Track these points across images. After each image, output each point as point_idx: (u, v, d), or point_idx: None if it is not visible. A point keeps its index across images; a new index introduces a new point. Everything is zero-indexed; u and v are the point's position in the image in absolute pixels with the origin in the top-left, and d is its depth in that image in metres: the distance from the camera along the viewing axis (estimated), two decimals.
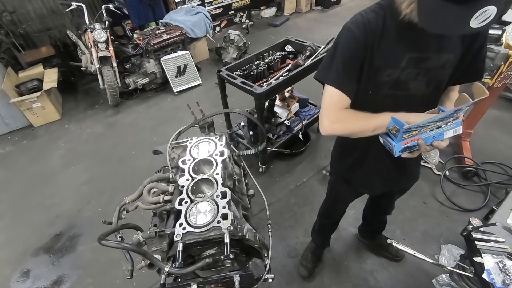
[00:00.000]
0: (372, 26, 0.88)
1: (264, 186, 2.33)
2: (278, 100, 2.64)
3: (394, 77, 0.91)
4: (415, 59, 0.89)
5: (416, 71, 0.91)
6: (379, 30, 0.87)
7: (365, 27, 0.88)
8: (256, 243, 0.99)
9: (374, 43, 0.88)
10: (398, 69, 0.90)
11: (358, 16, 0.92)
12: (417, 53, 0.89)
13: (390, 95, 0.95)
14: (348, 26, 0.92)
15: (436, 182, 2.31)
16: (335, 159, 1.36)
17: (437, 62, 0.91)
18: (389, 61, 0.90)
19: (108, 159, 2.90)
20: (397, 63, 0.90)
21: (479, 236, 1.22)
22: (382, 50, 0.89)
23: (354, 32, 0.89)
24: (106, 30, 3.37)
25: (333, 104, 0.96)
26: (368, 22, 0.88)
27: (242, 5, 5.35)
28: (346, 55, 0.92)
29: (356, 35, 0.89)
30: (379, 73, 0.91)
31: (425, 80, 0.93)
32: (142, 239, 0.93)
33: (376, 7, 0.90)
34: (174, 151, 1.28)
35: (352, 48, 0.91)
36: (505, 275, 1.01)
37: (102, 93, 3.76)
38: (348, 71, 0.93)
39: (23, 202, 2.55)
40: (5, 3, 3.86)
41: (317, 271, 1.86)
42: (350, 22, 0.92)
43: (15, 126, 3.39)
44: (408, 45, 0.88)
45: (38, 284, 1.97)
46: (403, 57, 0.89)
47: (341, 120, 0.95)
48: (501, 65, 2.00)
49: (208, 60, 4.54)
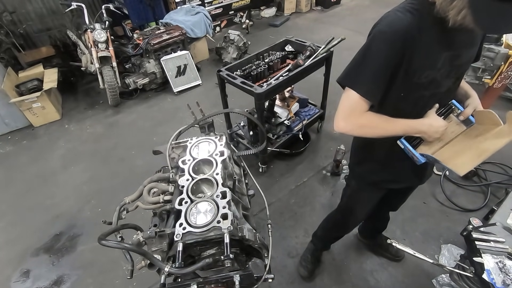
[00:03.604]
0: (410, 28, 0.82)
1: (264, 186, 2.33)
2: (278, 100, 2.64)
3: (430, 78, 0.89)
4: (450, 57, 0.88)
5: (449, 69, 0.90)
6: (417, 33, 0.83)
7: (403, 30, 0.82)
8: (256, 243, 0.99)
9: (412, 47, 0.83)
10: (436, 69, 0.88)
11: (393, 17, 0.85)
12: (452, 51, 0.88)
13: (422, 95, 0.94)
14: (383, 29, 0.85)
15: (436, 182, 2.31)
16: (356, 162, 1.29)
17: (467, 57, 0.93)
18: (428, 63, 0.87)
19: (108, 159, 2.90)
20: (436, 63, 0.87)
21: (479, 236, 1.22)
22: (421, 53, 0.85)
23: (390, 37, 0.84)
24: (106, 30, 3.37)
25: (353, 108, 0.93)
26: (406, 25, 0.82)
27: (242, 5, 5.35)
28: (379, 63, 0.87)
29: (392, 40, 0.84)
30: (415, 76, 0.88)
31: (455, 76, 0.96)
32: (142, 239, 0.93)
33: (411, 7, 0.85)
34: (174, 151, 1.28)
35: (387, 55, 0.85)
36: (505, 275, 1.01)
37: (102, 93, 3.76)
38: (378, 80, 0.89)
39: (23, 202, 2.55)
40: (5, 3, 3.86)
41: (317, 271, 1.86)
42: (384, 25, 0.86)
43: (15, 126, 3.39)
44: (444, 44, 0.86)
45: (38, 284, 1.97)
46: (441, 57, 0.87)
47: (358, 124, 0.94)
48: (501, 65, 2.00)
49: (208, 60, 4.54)
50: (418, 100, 0.95)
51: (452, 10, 0.74)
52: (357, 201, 1.42)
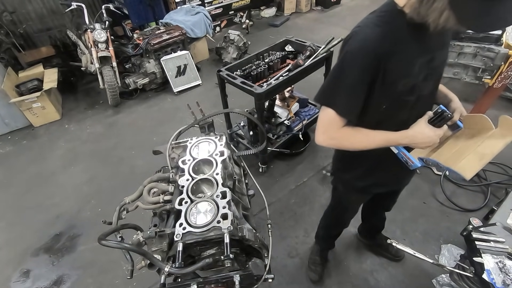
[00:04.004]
0: (380, 44, 0.81)
1: (264, 186, 2.33)
2: (278, 100, 2.64)
3: (410, 85, 0.88)
4: (426, 61, 0.88)
5: (427, 72, 0.90)
6: (389, 46, 0.82)
7: (373, 49, 0.82)
8: (256, 243, 0.99)
9: (386, 61, 0.83)
10: (413, 76, 0.87)
11: (361, 35, 0.84)
12: (427, 56, 0.87)
13: (404, 103, 0.93)
14: (352, 50, 0.84)
15: (436, 182, 2.31)
16: (341, 169, 1.28)
17: (442, 57, 0.94)
18: (405, 71, 0.86)
19: (108, 159, 2.90)
20: (411, 70, 0.87)
21: (479, 236, 1.22)
22: (396, 64, 0.84)
23: (360, 57, 0.84)
24: (106, 30, 3.37)
25: (330, 124, 0.94)
26: (375, 42, 0.82)
27: (242, 5, 5.35)
28: (352, 82, 0.87)
29: (363, 60, 0.83)
30: (393, 86, 0.87)
31: (434, 78, 0.96)
32: (142, 239, 0.93)
33: (380, 20, 0.84)
34: (174, 151, 1.29)
35: (359, 74, 0.85)
36: (505, 275, 1.01)
37: (102, 93, 3.76)
38: (353, 99, 0.90)
39: (23, 202, 2.55)
40: (5, 3, 3.86)
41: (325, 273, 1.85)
42: (354, 45, 0.84)
43: (15, 126, 3.39)
44: (419, 50, 0.86)
45: (38, 284, 1.97)
46: (415, 64, 0.86)
47: (337, 138, 0.96)
48: (501, 65, 2.00)
49: (208, 60, 4.54)
50: (403, 106, 0.94)
51: (433, 13, 0.72)
52: (347, 202, 1.46)
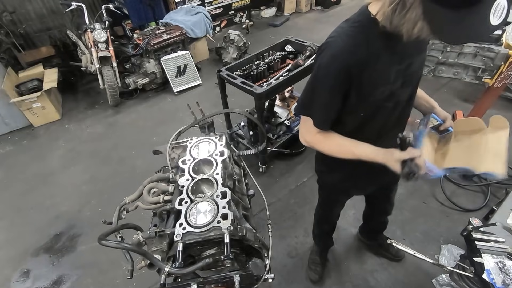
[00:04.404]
0: (353, 55, 0.81)
1: (264, 186, 2.33)
2: (278, 100, 2.64)
3: (386, 93, 0.88)
4: (402, 69, 0.87)
5: (404, 79, 0.90)
6: (362, 56, 0.81)
7: (345, 61, 0.81)
8: (256, 243, 0.99)
9: (359, 72, 0.82)
10: (389, 84, 0.87)
11: (334, 48, 0.83)
12: (402, 63, 0.86)
13: (381, 110, 0.93)
14: (325, 62, 0.85)
15: (436, 182, 2.31)
16: (323, 171, 1.30)
17: (419, 63, 0.93)
18: (380, 80, 0.86)
19: (108, 159, 2.90)
20: (388, 79, 0.86)
21: (479, 236, 1.22)
22: (370, 74, 0.83)
23: (332, 70, 0.84)
24: (106, 30, 3.37)
25: (308, 130, 1.00)
26: (348, 53, 0.81)
27: (242, 5, 5.35)
28: (326, 96, 0.89)
29: (335, 73, 0.83)
30: (369, 95, 0.88)
31: (411, 84, 0.96)
32: (142, 239, 0.93)
33: (353, 30, 0.83)
34: (174, 151, 1.29)
35: (332, 87, 0.87)
36: (505, 275, 1.01)
37: (102, 93, 3.76)
38: (327, 111, 0.93)
39: (23, 202, 2.55)
40: (5, 3, 3.85)
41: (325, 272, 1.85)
42: (326, 58, 0.84)
43: (15, 126, 3.39)
44: (394, 59, 0.85)
45: (38, 284, 1.97)
46: (391, 72, 0.86)
47: (314, 143, 1.02)
48: (501, 65, 1.99)
49: (208, 60, 4.54)
50: (381, 112, 0.94)
51: (406, 23, 0.69)
52: (332, 201, 1.48)
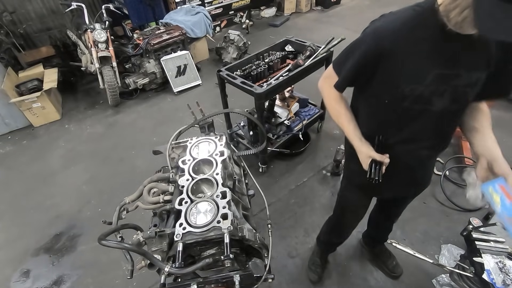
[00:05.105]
0: (396, 38, 0.80)
1: (264, 186, 2.32)
2: (278, 100, 2.64)
3: (416, 92, 0.84)
4: (444, 75, 0.81)
5: (444, 88, 0.83)
6: (402, 43, 0.80)
7: (384, 38, 0.81)
8: (256, 243, 0.99)
9: (392, 57, 0.82)
10: (422, 85, 0.83)
11: (386, 22, 0.84)
12: (446, 70, 0.81)
13: (410, 108, 0.89)
14: (369, 32, 0.86)
15: (436, 182, 2.31)
16: (347, 158, 1.29)
17: (467, 80, 0.83)
18: (412, 76, 0.83)
19: (108, 159, 2.90)
20: (422, 79, 0.82)
21: (479, 236, 1.22)
22: (406, 63, 0.82)
23: (370, 42, 0.85)
24: (106, 30, 3.37)
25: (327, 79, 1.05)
26: (391, 33, 0.81)
27: (242, 5, 5.35)
28: (353, 63, 0.90)
29: (371, 47, 0.84)
30: (397, 86, 0.85)
31: (451, 97, 0.86)
32: (142, 239, 0.93)
33: (411, 15, 0.80)
34: (174, 151, 1.29)
35: (361, 58, 0.88)
36: (505, 275, 1.01)
37: (102, 93, 3.76)
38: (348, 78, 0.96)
39: (23, 202, 2.55)
40: (5, 3, 3.85)
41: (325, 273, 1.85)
42: (373, 28, 0.86)
43: (15, 126, 3.39)
44: (438, 60, 0.80)
45: (38, 284, 1.97)
46: (430, 73, 0.81)
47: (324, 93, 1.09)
48: None
49: (208, 60, 4.54)
50: (405, 112, 0.91)
51: (455, 9, 0.68)
52: (347, 201, 1.43)
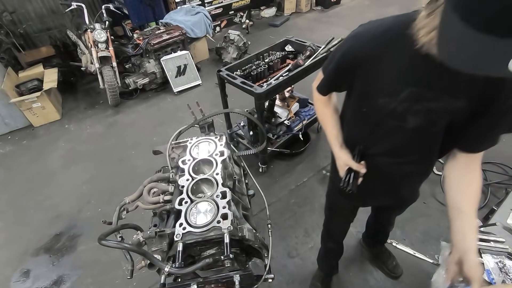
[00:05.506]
0: (382, 41, 0.76)
1: (264, 186, 2.33)
2: (278, 100, 2.64)
3: (390, 106, 0.80)
4: (418, 94, 0.76)
5: (418, 107, 0.78)
6: (388, 50, 0.75)
7: (373, 41, 0.78)
8: (256, 243, 0.99)
9: (369, 67, 0.79)
10: (396, 100, 0.78)
11: (370, 26, 0.81)
12: (421, 89, 0.75)
13: (385, 121, 0.86)
14: (357, 33, 0.83)
15: (436, 182, 2.31)
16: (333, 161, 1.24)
17: (445, 105, 0.75)
18: (386, 89, 0.79)
19: (108, 159, 2.90)
20: (395, 93, 0.78)
21: (479, 236, 1.21)
22: (381, 74, 0.78)
23: (347, 49, 0.84)
24: (106, 30, 3.37)
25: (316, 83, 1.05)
26: (368, 41, 0.78)
27: (242, 5, 5.35)
28: (333, 67, 0.90)
29: (349, 53, 0.84)
30: (372, 96, 0.83)
31: (426, 119, 0.80)
32: (142, 239, 0.93)
33: (392, 21, 0.76)
34: (174, 151, 1.29)
35: (339, 64, 0.88)
36: (505, 275, 1.01)
37: (102, 93, 3.76)
38: (329, 81, 0.97)
39: (23, 202, 2.55)
40: (5, 3, 3.86)
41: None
42: (362, 29, 0.83)
43: (15, 126, 3.39)
44: (414, 77, 0.74)
45: (38, 284, 1.97)
46: (404, 89, 0.76)
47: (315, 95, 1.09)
48: None
49: (208, 60, 4.54)
50: (382, 124, 0.88)
51: (423, 29, 0.63)
52: (332, 203, 1.40)
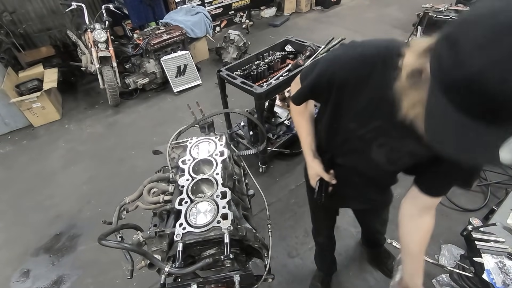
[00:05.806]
0: (359, 72, 0.73)
1: (264, 186, 2.32)
2: (278, 100, 2.65)
3: (358, 132, 0.82)
4: (385, 130, 0.76)
5: (382, 141, 0.80)
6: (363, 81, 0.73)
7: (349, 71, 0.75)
8: (256, 243, 0.99)
9: (349, 89, 0.77)
10: (364, 128, 0.80)
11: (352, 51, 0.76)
12: (389, 125, 0.74)
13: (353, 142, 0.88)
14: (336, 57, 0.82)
15: None
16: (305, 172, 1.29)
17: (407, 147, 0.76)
18: (357, 116, 0.80)
19: (108, 159, 2.90)
20: (365, 123, 0.79)
21: (479, 236, 1.22)
22: (354, 102, 0.78)
23: (334, 67, 0.80)
24: (106, 30, 3.37)
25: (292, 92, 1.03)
26: (356, 67, 0.74)
27: (242, 5, 5.35)
28: (315, 84, 0.87)
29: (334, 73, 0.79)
30: (344, 118, 0.85)
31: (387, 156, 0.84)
32: (142, 239, 0.93)
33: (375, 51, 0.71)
34: (174, 151, 1.29)
35: (324, 82, 0.83)
36: (505, 275, 1.01)
37: (102, 93, 3.75)
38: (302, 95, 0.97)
39: (23, 202, 2.55)
40: (5, 3, 3.86)
41: None
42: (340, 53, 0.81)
43: (15, 126, 3.39)
44: (384, 112, 0.71)
45: (38, 284, 1.97)
46: (374, 122, 0.77)
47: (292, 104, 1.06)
48: None
49: (208, 60, 4.54)
50: (347, 142, 0.91)
51: (407, 98, 0.56)
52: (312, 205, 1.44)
